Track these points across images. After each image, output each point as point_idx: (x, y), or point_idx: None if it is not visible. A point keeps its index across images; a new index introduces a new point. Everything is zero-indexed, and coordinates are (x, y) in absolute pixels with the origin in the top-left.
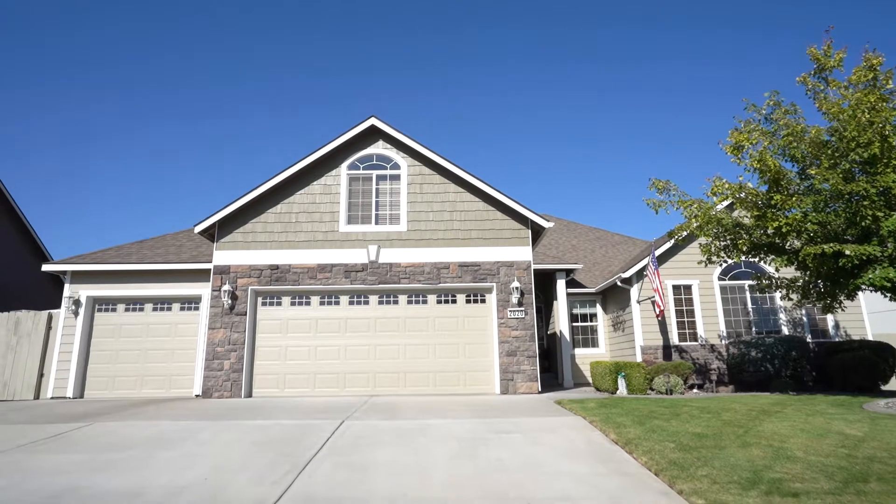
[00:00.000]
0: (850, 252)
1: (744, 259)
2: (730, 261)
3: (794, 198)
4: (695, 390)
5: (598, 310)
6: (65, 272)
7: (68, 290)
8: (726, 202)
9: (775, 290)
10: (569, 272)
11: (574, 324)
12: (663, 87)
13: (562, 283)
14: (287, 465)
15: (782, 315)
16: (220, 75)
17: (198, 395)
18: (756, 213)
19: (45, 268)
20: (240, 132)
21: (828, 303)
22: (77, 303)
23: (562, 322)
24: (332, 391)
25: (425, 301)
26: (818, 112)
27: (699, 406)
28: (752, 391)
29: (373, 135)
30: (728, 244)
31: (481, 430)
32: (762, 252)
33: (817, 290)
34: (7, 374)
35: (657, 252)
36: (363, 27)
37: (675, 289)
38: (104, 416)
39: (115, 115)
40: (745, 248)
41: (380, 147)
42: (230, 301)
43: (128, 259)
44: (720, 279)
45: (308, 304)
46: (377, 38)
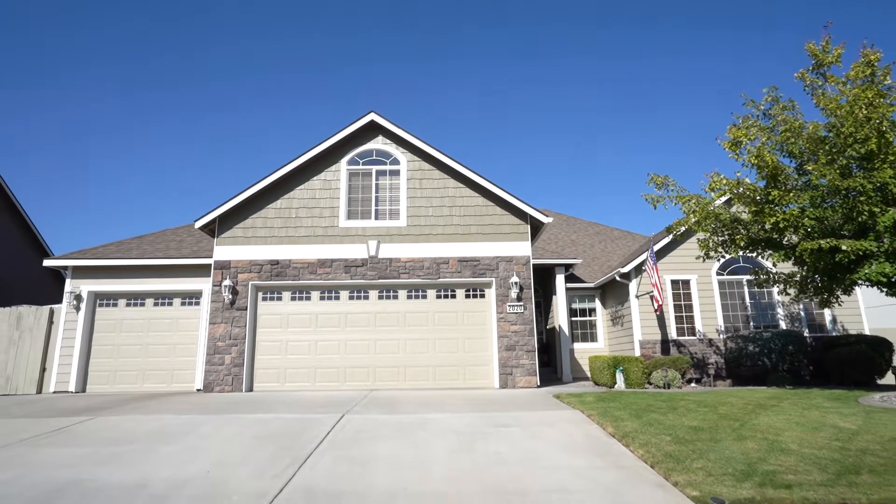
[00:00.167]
0: (846, 247)
1: (741, 254)
2: (727, 256)
3: (792, 193)
4: (693, 384)
5: (597, 304)
6: (66, 267)
7: (69, 285)
8: (724, 198)
9: (773, 285)
10: (568, 267)
11: (573, 318)
12: (663, 82)
13: (561, 278)
14: (288, 458)
15: (780, 310)
16: (220, 72)
17: (199, 390)
18: (754, 208)
19: (46, 263)
20: (240, 129)
21: (825, 298)
22: (78, 298)
23: (561, 317)
24: (333, 385)
25: (425, 296)
26: (816, 108)
27: (696, 400)
28: (750, 385)
29: (372, 130)
30: (726, 239)
31: (480, 424)
32: (760, 247)
33: (814, 285)
34: (10, 369)
35: (656, 247)
36: (363, 24)
37: (674, 283)
38: (106, 411)
39: (116, 113)
40: (743, 244)
41: (379, 142)
42: (231, 296)
43: (128, 254)
44: (718, 274)
45: (308, 299)
46: (377, 34)
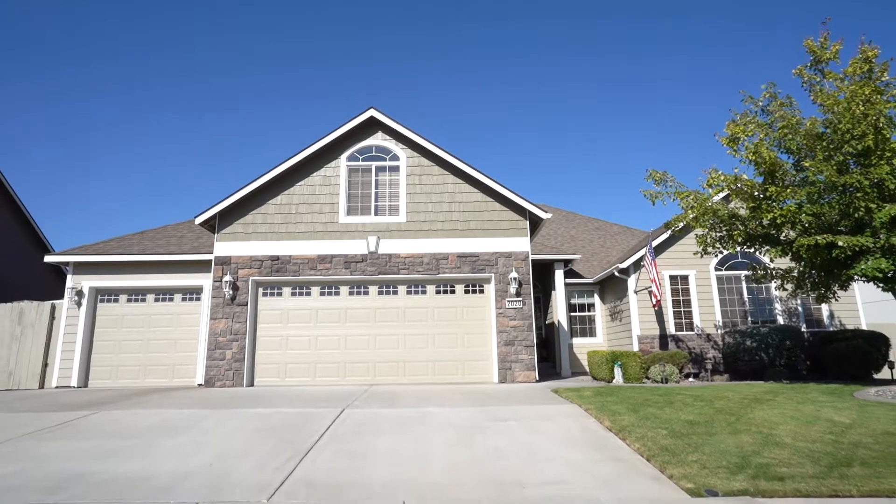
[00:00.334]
0: (842, 243)
1: (739, 250)
2: (725, 252)
3: (789, 189)
4: (690, 379)
5: (595, 300)
6: (67, 263)
7: (71, 280)
8: (722, 194)
9: (770, 281)
10: (567, 262)
11: (572, 314)
12: (662, 78)
13: (560, 274)
14: (289, 451)
15: (778, 305)
16: (221, 70)
17: (200, 385)
18: (751, 204)
19: (47, 259)
20: (240, 125)
21: (822, 293)
22: (80, 293)
23: (560, 312)
24: (333, 380)
25: (424, 291)
26: (814, 105)
27: (693, 394)
28: (747, 380)
29: (372, 126)
30: (724, 235)
31: (479, 418)
32: (757, 243)
33: (811, 280)
34: (12, 364)
35: (654, 243)
36: (363, 20)
37: (672, 279)
38: (109, 405)
39: (116, 109)
40: (741, 239)
41: (379, 138)
42: (231, 292)
43: (129, 250)
44: (717, 269)
45: (308, 294)
46: (377, 31)
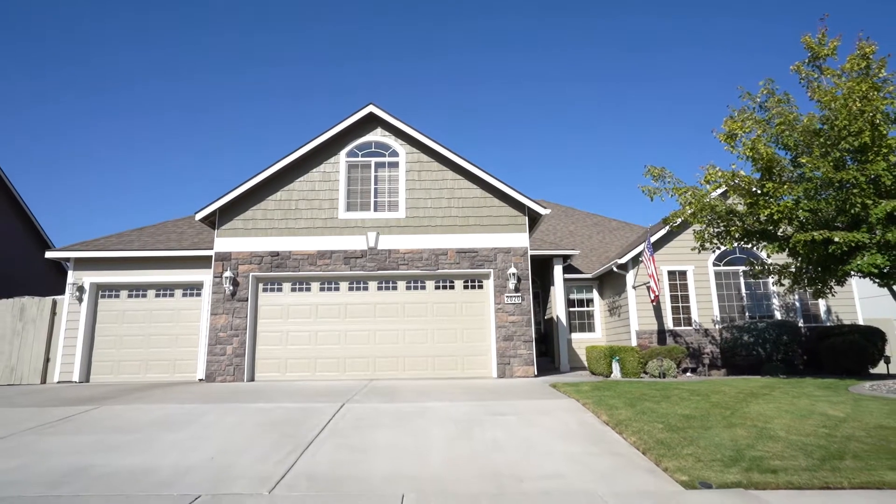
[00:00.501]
0: (839, 239)
1: (736, 246)
2: (723, 247)
3: (787, 185)
4: (688, 374)
5: (594, 295)
6: (67, 259)
7: (72, 276)
8: (720, 190)
9: (768, 276)
10: (566, 258)
11: (571, 309)
12: (661, 74)
13: (559, 269)
14: (290, 445)
15: (775, 300)
16: (221, 66)
17: (201, 380)
18: (749, 200)
19: (48, 255)
20: (239, 122)
21: (819, 288)
22: (81, 289)
23: (559, 307)
24: (333, 375)
25: (424, 287)
26: (811, 101)
27: (690, 389)
28: (745, 375)
29: (371, 122)
30: (721, 231)
31: (478, 413)
32: (754, 239)
33: (808, 276)
34: (14, 359)
35: (653, 238)
36: (362, 17)
37: (671, 274)
38: (111, 400)
39: (115, 105)
40: (738, 235)
41: (378, 134)
42: (231, 287)
43: (130, 246)
44: (715, 265)
45: (308, 290)
46: (377, 27)
